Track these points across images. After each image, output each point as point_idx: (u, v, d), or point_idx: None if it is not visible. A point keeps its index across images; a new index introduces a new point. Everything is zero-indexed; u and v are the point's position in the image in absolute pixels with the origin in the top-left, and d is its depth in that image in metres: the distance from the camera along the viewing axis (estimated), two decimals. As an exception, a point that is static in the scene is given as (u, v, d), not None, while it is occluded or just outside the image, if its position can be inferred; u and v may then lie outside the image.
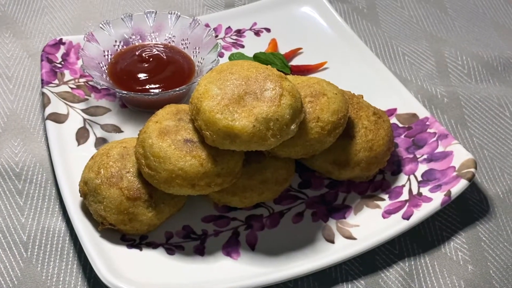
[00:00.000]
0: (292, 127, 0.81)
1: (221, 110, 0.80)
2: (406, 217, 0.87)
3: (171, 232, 0.87)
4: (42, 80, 1.04)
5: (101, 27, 1.08)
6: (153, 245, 0.85)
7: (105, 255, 0.81)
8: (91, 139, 0.99)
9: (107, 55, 1.07)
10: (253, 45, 1.17)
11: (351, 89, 0.99)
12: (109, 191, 0.83)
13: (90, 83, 1.07)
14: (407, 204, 0.90)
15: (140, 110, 1.04)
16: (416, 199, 0.90)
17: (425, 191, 0.91)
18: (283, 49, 1.16)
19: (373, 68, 1.11)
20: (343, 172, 0.91)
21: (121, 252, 0.83)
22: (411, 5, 1.34)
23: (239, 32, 1.20)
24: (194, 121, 0.83)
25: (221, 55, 1.13)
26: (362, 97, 0.98)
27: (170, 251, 0.85)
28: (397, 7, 1.34)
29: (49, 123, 0.98)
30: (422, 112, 1.01)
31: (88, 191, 0.85)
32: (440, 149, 0.96)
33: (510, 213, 0.94)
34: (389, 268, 0.86)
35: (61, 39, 1.11)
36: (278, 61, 1.11)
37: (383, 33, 1.27)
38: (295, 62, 1.15)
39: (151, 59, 1.06)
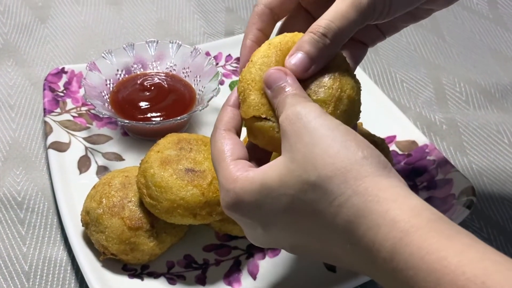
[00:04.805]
0: None
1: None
2: (407, 245, 0.87)
3: (172, 262, 0.87)
4: (44, 108, 1.05)
5: (103, 56, 1.09)
6: (154, 275, 0.85)
7: (107, 285, 0.81)
8: (93, 168, 0.99)
9: (109, 84, 1.08)
10: (253, 73, 1.18)
11: (351, 117, 1.00)
12: (111, 221, 0.84)
13: (92, 111, 1.08)
14: (408, 232, 0.90)
15: (142, 138, 1.05)
16: (416, 227, 0.90)
17: (425, 219, 0.91)
18: (283, 77, 1.17)
19: (372, 95, 1.12)
20: (343, 200, 0.91)
21: (122, 282, 0.83)
22: (408, 32, 1.36)
23: (239, 60, 1.21)
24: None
25: (221, 82, 1.14)
26: (362, 125, 0.99)
27: (172, 280, 0.85)
28: (395, 34, 1.35)
29: (51, 152, 0.98)
30: (422, 139, 1.02)
31: (90, 221, 0.85)
32: (439, 176, 0.96)
33: (510, 240, 0.95)
34: (391, 297, 0.86)
35: (63, 68, 1.13)
36: (278, 88, 1.11)
37: (381, 60, 1.28)
38: (295, 89, 1.16)
39: (152, 88, 1.07)
